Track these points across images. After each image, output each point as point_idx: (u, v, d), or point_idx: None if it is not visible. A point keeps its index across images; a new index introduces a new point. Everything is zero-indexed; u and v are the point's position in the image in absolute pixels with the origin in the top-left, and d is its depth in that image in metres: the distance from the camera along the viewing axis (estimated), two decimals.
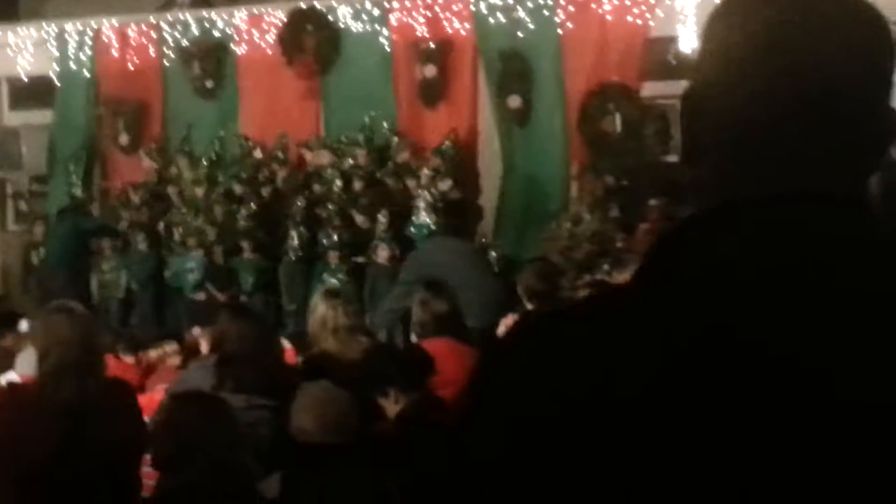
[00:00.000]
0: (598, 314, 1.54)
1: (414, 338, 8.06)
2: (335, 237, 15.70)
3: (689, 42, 15.46)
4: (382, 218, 15.46)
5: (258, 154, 17.40)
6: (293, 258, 16.10)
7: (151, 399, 7.86)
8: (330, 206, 16.05)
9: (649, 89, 15.79)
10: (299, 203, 16.19)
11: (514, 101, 16.20)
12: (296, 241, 16.07)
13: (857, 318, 1.41)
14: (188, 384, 6.40)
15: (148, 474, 5.30)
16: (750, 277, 1.43)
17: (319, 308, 7.21)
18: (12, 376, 9.27)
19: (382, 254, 15.08)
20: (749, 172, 1.55)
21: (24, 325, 12.35)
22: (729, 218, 1.52)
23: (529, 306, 8.37)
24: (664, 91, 15.80)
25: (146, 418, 5.92)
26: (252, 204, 16.55)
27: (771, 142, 1.54)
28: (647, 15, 15.72)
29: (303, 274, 16.01)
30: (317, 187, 16.46)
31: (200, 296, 16.13)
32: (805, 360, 1.39)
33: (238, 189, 16.97)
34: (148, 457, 5.19)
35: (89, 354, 5.47)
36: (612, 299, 1.62)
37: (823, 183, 1.51)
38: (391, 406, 6.22)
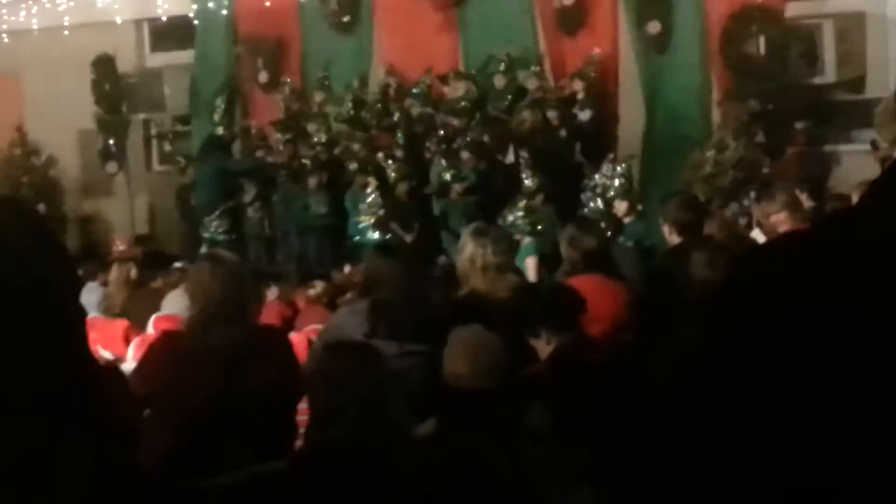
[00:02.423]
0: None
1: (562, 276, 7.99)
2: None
3: None
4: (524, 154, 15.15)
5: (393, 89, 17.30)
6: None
7: (300, 340, 7.91)
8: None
9: (794, 9, 15.39)
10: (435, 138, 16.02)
11: (654, 27, 15.94)
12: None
13: None
14: (341, 329, 6.39)
15: (302, 422, 5.31)
16: None
17: (468, 247, 7.13)
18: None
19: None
20: None
21: (175, 267, 12.59)
22: None
23: (676, 239, 8.24)
24: (809, 11, 15.44)
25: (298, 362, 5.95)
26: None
27: None
28: None
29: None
30: (454, 121, 16.24)
31: (375, 236, 15.28)
32: None
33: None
34: (303, 405, 5.22)
35: (235, 303, 5.48)
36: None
37: None
38: (543, 347, 6.16)
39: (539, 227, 13.16)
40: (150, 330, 9.50)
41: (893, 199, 1.52)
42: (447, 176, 15.25)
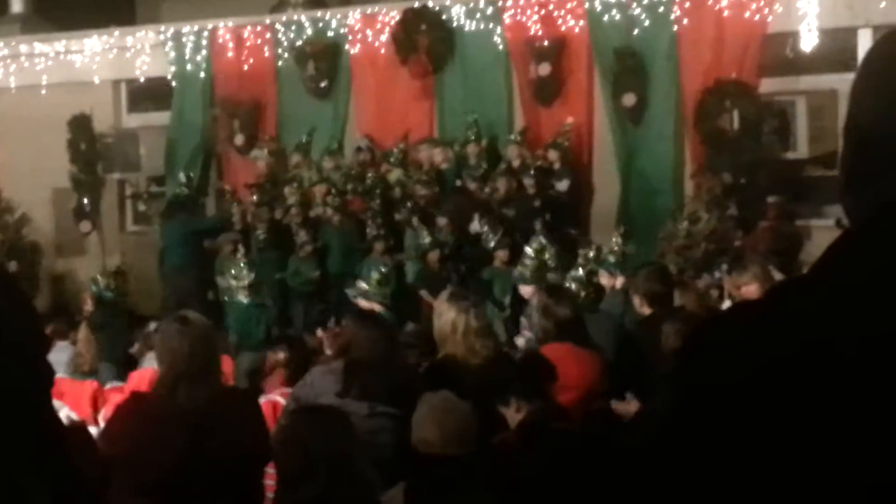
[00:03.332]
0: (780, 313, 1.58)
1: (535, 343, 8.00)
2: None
3: (808, 38, 15.23)
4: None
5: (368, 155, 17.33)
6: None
7: (266, 406, 7.88)
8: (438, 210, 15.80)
9: (767, 85, 15.55)
10: (409, 206, 16.03)
11: (629, 99, 16.07)
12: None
13: None
14: (314, 388, 6.39)
15: (270, 487, 5.30)
16: None
17: (448, 312, 7.13)
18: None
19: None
20: None
21: (151, 327, 12.53)
22: None
23: (646, 310, 8.27)
24: (783, 87, 15.60)
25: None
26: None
27: None
28: (766, 10, 15.48)
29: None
30: (430, 188, 16.24)
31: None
32: None
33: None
34: (270, 470, 5.20)
35: (201, 363, 5.50)
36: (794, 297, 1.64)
37: None
38: (512, 415, 6.16)
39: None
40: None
41: (840, 268, 1.57)
42: (426, 242, 15.24)
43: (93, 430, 7.24)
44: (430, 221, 15.61)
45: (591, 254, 13.08)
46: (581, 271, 12.60)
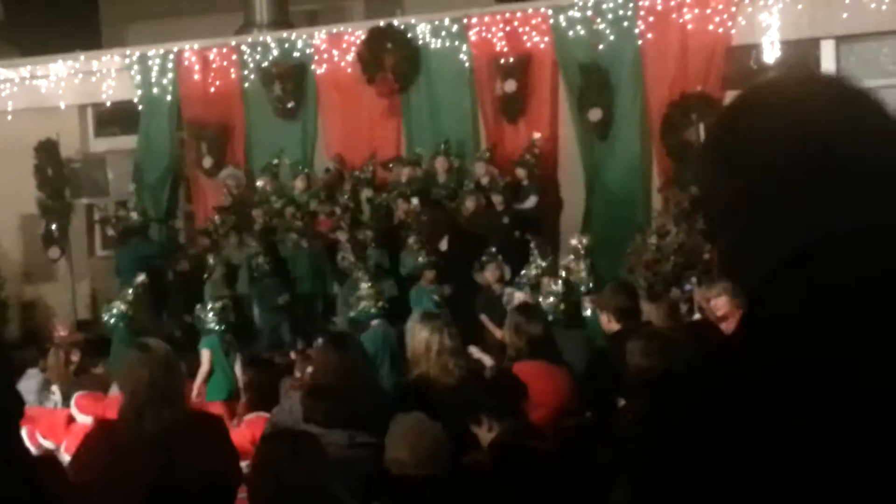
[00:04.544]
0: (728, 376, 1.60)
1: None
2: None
3: (771, 50, 15.33)
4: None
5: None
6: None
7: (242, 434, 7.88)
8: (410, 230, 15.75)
9: (732, 97, 15.60)
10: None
11: (595, 114, 16.14)
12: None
13: None
14: (292, 415, 6.35)
15: None
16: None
17: (421, 332, 7.14)
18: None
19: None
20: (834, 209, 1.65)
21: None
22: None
23: (615, 326, 8.28)
24: None
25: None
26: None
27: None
28: (729, 23, 15.59)
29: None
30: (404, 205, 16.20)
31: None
32: None
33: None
34: (242, 494, 5.20)
35: (164, 389, 5.51)
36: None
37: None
38: (484, 434, 6.17)
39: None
40: (73, 408, 9.45)
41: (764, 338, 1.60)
42: (420, 262, 15.09)
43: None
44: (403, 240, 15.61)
45: (542, 263, 13.16)
46: (559, 285, 12.65)
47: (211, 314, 12.29)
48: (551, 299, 12.24)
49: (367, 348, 8.78)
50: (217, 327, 12.16)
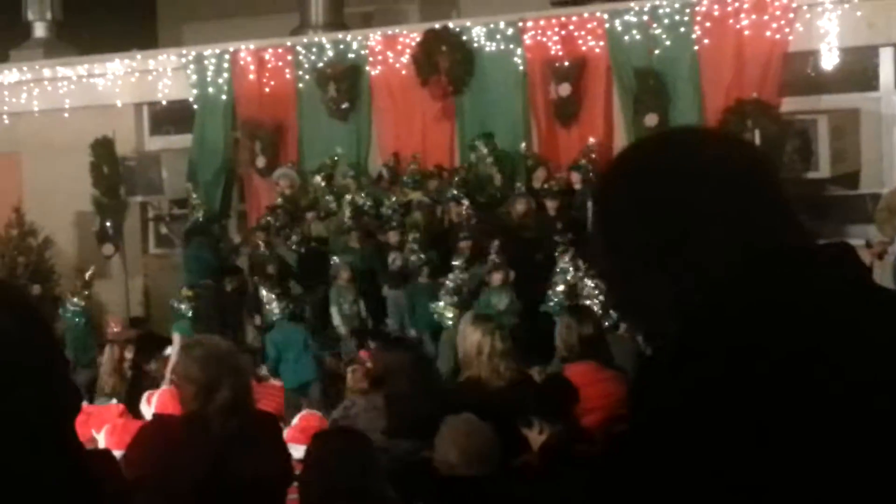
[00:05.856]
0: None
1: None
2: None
3: (829, 57, 15.19)
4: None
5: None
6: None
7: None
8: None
9: (789, 104, 15.50)
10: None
11: (651, 119, 16.02)
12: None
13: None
14: (356, 424, 6.35)
15: None
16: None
17: (473, 335, 7.15)
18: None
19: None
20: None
21: (168, 350, 12.56)
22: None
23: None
24: (804, 106, 15.53)
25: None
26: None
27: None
28: (786, 29, 15.45)
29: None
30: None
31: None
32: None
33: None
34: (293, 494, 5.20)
35: (235, 392, 5.49)
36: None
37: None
38: (535, 437, 6.15)
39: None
40: (144, 406, 9.50)
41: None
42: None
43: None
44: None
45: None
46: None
47: (185, 302, 14.08)
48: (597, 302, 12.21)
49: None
50: (188, 314, 13.94)
